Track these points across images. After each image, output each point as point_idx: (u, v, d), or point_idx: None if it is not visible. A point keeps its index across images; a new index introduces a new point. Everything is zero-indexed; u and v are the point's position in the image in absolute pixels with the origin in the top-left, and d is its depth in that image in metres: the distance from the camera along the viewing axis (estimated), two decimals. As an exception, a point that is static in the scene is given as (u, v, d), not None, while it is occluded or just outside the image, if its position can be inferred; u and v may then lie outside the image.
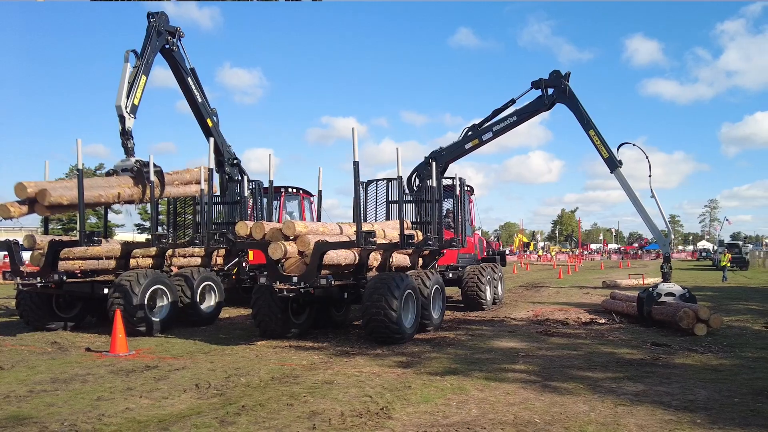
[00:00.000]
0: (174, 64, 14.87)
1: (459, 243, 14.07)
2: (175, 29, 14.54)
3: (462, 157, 16.80)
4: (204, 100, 15.79)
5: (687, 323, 11.05)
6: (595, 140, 14.29)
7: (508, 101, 15.65)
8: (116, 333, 9.75)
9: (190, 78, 15.27)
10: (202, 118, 15.92)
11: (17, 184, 10.95)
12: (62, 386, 7.35)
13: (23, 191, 10.92)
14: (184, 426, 5.63)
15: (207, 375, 7.93)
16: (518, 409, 6.20)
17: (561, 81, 14.77)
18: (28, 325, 12.46)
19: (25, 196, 10.93)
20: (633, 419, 5.85)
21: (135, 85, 12.97)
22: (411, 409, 6.17)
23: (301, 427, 5.59)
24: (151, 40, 13.76)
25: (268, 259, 10.25)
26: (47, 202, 10.91)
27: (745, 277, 33.14)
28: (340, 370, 8.17)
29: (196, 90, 15.55)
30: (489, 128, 15.96)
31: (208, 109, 16.03)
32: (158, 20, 13.99)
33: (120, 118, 12.62)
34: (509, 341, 10.71)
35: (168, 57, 14.67)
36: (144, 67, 13.39)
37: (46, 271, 11.27)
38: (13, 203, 11.02)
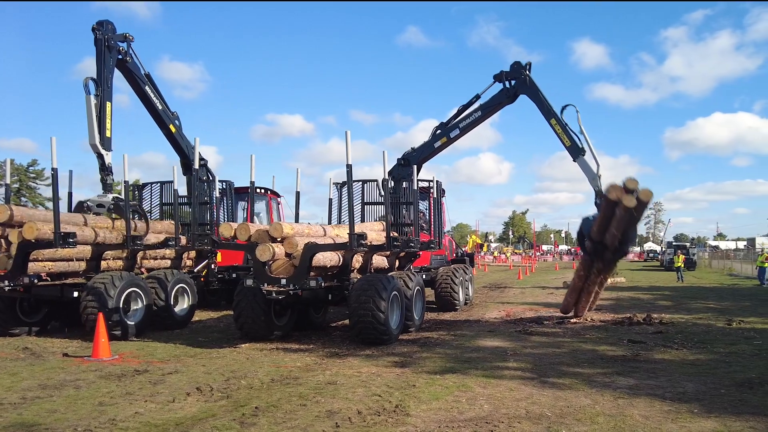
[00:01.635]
0: (130, 76, 14.15)
1: (437, 245, 14.29)
2: (124, 36, 13.63)
3: (433, 156, 16.98)
4: (164, 106, 15.22)
5: (616, 195, 10.88)
6: (557, 129, 14.53)
7: (473, 97, 15.85)
8: (98, 337, 9.42)
9: (147, 86, 14.61)
10: (165, 124, 15.46)
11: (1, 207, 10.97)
12: (55, 392, 7.07)
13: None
14: (204, 429, 5.55)
15: (204, 378, 7.80)
16: (526, 404, 6.42)
17: (521, 72, 14.99)
18: (-10, 330, 11.83)
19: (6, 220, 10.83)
20: (636, 410, 6.16)
21: (103, 116, 12.52)
22: (425, 407, 6.29)
23: (324, 425, 5.61)
24: (104, 60, 13.00)
25: (256, 261, 10.16)
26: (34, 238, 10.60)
27: (695, 277, 34.90)
28: (338, 371, 8.19)
29: (155, 98, 14.89)
30: (456, 125, 16.19)
31: (169, 115, 15.45)
32: (105, 31, 13.08)
33: (98, 156, 12.32)
34: (493, 340, 10.98)
35: (122, 69, 13.90)
36: (106, 92, 12.83)
37: (16, 274, 10.76)
38: None
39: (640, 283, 29.06)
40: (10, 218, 10.67)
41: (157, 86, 14.93)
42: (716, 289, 24.34)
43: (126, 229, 12.31)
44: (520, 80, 15.00)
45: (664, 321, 13.41)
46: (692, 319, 13.88)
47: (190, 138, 15.62)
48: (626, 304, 17.90)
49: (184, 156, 16.04)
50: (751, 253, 38.43)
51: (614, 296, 20.56)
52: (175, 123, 15.68)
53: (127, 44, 13.62)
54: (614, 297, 20.27)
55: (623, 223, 11.51)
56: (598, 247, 12.39)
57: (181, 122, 15.99)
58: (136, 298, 11.95)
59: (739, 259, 39.89)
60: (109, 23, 13.16)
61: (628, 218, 11.40)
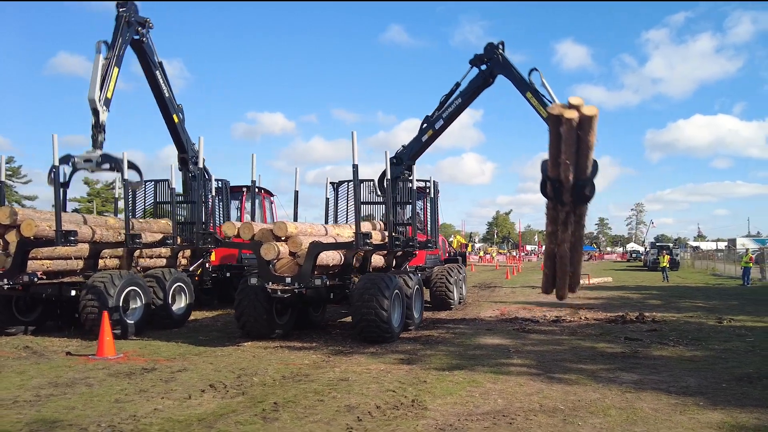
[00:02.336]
0: (143, 57, 14.29)
1: (434, 244, 14.45)
2: (144, 20, 13.98)
3: (423, 151, 16.79)
4: (171, 95, 15.38)
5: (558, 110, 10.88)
6: (533, 101, 14.38)
7: (453, 86, 15.75)
8: (103, 336, 9.38)
9: (158, 72, 14.77)
10: (169, 113, 15.47)
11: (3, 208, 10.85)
12: (68, 390, 7.07)
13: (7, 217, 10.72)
14: (228, 424, 5.62)
15: (215, 375, 7.83)
16: (538, 398, 6.58)
17: (494, 52, 14.84)
18: (-15, 329, 11.70)
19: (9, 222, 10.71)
20: (644, 404, 6.36)
21: (108, 77, 12.47)
22: (440, 401, 6.42)
23: (347, 419, 5.71)
24: (121, 31, 13.18)
25: (260, 259, 10.21)
26: (32, 235, 10.52)
27: (680, 277, 35.54)
28: (347, 368, 8.28)
29: (163, 84, 15.04)
30: (440, 116, 16.10)
31: (174, 105, 15.58)
32: (128, 10, 13.43)
33: (93, 111, 12.08)
34: (493, 338, 11.15)
35: (138, 49, 14.09)
36: (116, 59, 12.81)
37: (14, 272, 10.67)
38: None
39: (627, 282, 29.54)
40: (13, 220, 10.57)
41: (167, 75, 15.12)
42: (702, 289, 24.86)
43: (126, 227, 12.26)
44: (494, 60, 14.77)
45: (657, 319, 13.72)
46: (683, 317, 14.21)
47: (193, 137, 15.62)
48: (617, 303, 18.23)
49: (182, 150, 16.01)
50: (732, 253, 39.25)
51: (604, 296, 20.92)
52: (178, 114, 15.72)
53: (147, 28, 13.92)
54: (604, 296, 20.62)
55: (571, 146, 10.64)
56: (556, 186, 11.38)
57: (184, 116, 16.05)
58: (135, 296, 11.91)
59: (722, 259, 40.67)
60: (133, 5, 13.48)
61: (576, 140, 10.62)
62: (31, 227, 10.64)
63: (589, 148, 10.66)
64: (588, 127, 10.43)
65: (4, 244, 10.87)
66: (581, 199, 11.28)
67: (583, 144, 10.44)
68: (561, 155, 10.62)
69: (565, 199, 11.35)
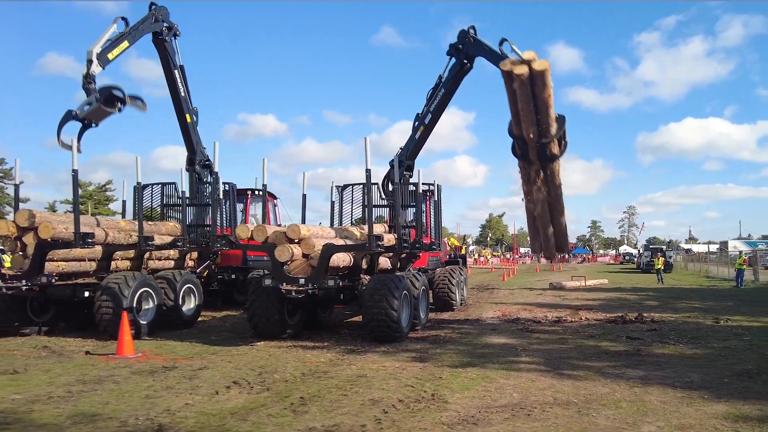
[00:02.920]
0: (164, 55, 15.17)
1: (438, 246, 14.77)
2: (172, 25, 15.09)
3: (419, 149, 16.89)
4: (187, 95, 15.97)
5: (508, 66, 10.17)
6: None
7: (437, 80, 15.97)
8: (122, 335, 9.63)
9: (177, 71, 15.54)
10: (182, 112, 15.95)
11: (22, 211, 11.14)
12: (97, 387, 7.32)
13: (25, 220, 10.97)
14: (260, 416, 5.90)
15: (236, 373, 8.10)
16: (551, 392, 6.91)
17: (466, 35, 14.82)
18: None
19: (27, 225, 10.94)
20: (653, 397, 6.70)
21: (116, 43, 13.17)
22: (459, 395, 6.73)
23: (373, 411, 6.01)
24: (146, 19, 14.25)
25: (274, 261, 10.48)
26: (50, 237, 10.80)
27: (674, 279, 36.03)
28: (363, 366, 8.58)
29: (181, 84, 15.76)
30: (427, 111, 16.28)
31: (189, 106, 16.14)
32: (158, 10, 14.62)
33: (88, 62, 12.58)
34: (498, 338, 11.47)
35: (159, 46, 14.99)
36: (130, 35, 13.64)
37: (33, 274, 10.88)
38: (10, 223, 11.00)
39: (622, 284, 29.99)
40: (31, 223, 10.80)
41: (186, 79, 15.92)
42: (697, 291, 25.33)
43: (139, 230, 12.50)
44: (467, 43, 14.70)
45: (656, 319, 14.09)
46: (681, 317, 14.60)
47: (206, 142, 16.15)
48: (615, 304, 18.62)
49: (191, 151, 16.39)
50: (723, 255, 39.85)
51: (602, 297, 21.32)
52: (192, 116, 16.20)
53: (173, 33, 15.09)
54: (602, 298, 21.02)
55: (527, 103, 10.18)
56: (521, 145, 11.03)
57: (198, 119, 16.43)
58: (147, 297, 12.16)
59: (715, 261, 41.24)
60: (165, 9, 14.79)
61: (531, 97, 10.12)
62: (49, 229, 10.87)
63: (546, 105, 10.25)
64: (541, 83, 9.96)
65: (22, 246, 11.08)
66: (546, 157, 10.74)
67: (539, 101, 10.11)
68: (520, 114, 10.41)
69: (531, 157, 10.98)
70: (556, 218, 11.77)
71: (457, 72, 15.07)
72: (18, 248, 11.13)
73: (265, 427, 5.58)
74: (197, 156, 16.70)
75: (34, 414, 6.07)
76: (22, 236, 11.06)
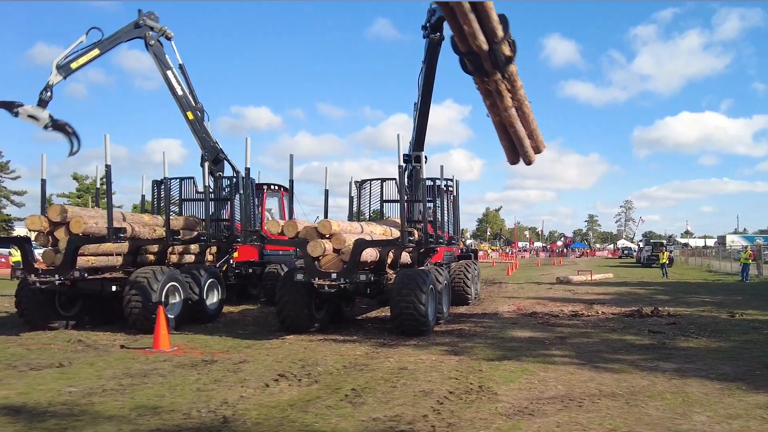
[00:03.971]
0: (155, 58, 15.64)
1: (457, 241, 14.95)
2: (162, 28, 15.51)
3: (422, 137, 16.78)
4: (185, 93, 16.19)
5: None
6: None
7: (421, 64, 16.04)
8: (159, 329, 9.78)
9: (170, 72, 15.83)
10: (183, 111, 16.20)
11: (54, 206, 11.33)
12: (145, 380, 7.46)
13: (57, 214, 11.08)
14: (319, 408, 6.06)
15: (279, 366, 8.25)
16: (594, 384, 7.10)
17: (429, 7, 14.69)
18: (28, 324, 11.97)
19: (59, 219, 11.07)
20: (693, 388, 6.91)
21: (84, 52, 13.95)
22: (505, 387, 6.92)
23: (428, 402, 6.19)
24: (125, 28, 15.01)
25: (307, 256, 10.63)
26: (81, 231, 10.94)
27: (676, 273, 36.31)
28: (400, 359, 8.75)
29: (176, 84, 16.02)
30: (419, 95, 16.37)
31: (190, 104, 16.30)
32: (146, 15, 15.27)
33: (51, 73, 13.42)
34: (522, 332, 11.66)
35: (148, 49, 15.55)
36: (101, 43, 14.44)
37: (66, 268, 10.99)
38: (43, 218, 11.12)
39: (628, 279, 30.27)
40: (63, 218, 10.90)
41: (187, 76, 16.19)
42: (703, 285, 25.62)
43: (165, 223, 12.61)
44: (430, 11, 14.71)
45: (671, 313, 14.32)
46: (696, 311, 14.84)
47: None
48: (627, 298, 18.87)
49: (202, 147, 16.48)
50: (724, 250, 40.23)
51: (611, 291, 21.57)
52: (195, 113, 16.35)
53: (163, 35, 15.48)
54: (612, 292, 21.26)
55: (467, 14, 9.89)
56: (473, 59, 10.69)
57: (204, 116, 16.54)
58: (174, 291, 12.27)
59: (717, 256, 41.59)
60: (153, 13, 15.35)
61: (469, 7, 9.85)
62: (80, 224, 10.97)
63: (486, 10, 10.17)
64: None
65: (54, 240, 11.19)
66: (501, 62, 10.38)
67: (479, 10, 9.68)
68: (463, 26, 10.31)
69: (487, 68, 10.66)
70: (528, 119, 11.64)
71: (430, 44, 14.89)
72: (50, 243, 11.23)
73: (328, 418, 5.75)
74: (207, 153, 16.81)
75: (97, 406, 6.21)
76: (54, 231, 11.16)
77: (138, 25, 15.23)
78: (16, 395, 6.70)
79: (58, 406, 6.27)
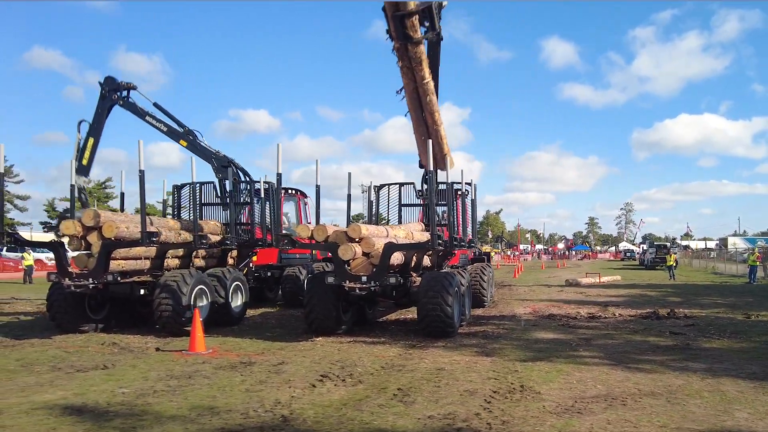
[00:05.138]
0: (131, 111, 16.87)
1: (475, 244, 15.17)
2: (127, 84, 16.80)
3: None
4: (170, 128, 17.01)
5: None
6: None
7: None
8: (195, 332, 9.98)
9: (148, 116, 16.92)
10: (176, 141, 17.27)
11: (88, 211, 11.57)
12: (191, 381, 7.64)
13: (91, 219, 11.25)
14: (372, 407, 6.27)
15: (318, 367, 8.45)
16: (632, 384, 7.32)
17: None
18: (59, 327, 12.18)
19: (92, 224, 11.26)
20: (728, 387, 7.13)
21: (84, 148, 15.59)
22: (546, 387, 7.13)
23: (476, 401, 6.41)
24: (99, 106, 16.63)
25: (337, 260, 10.84)
26: (113, 236, 11.12)
27: (683, 275, 36.57)
28: (435, 360, 8.96)
29: (158, 123, 17.02)
30: None
31: (176, 133, 17.18)
32: (104, 85, 16.61)
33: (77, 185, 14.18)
34: (546, 333, 11.88)
35: (125, 107, 16.88)
36: (93, 130, 16.28)
37: (99, 272, 11.19)
38: (77, 222, 11.29)
39: (636, 281, 30.53)
40: (96, 222, 11.11)
41: (165, 110, 17.23)
42: (711, 287, 25.89)
43: (194, 227, 12.81)
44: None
45: (687, 315, 14.55)
46: (711, 313, 15.07)
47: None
48: (639, 300, 19.11)
49: (207, 161, 17.03)
50: (729, 252, 40.48)
51: (623, 293, 21.81)
52: (186, 138, 17.26)
53: (128, 91, 16.80)
54: (623, 294, 21.51)
55: None
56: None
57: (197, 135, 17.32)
58: (201, 295, 12.47)
59: (722, 258, 41.87)
60: (110, 78, 16.69)
61: None
62: (113, 229, 11.17)
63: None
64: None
65: (86, 245, 11.39)
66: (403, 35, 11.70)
67: None
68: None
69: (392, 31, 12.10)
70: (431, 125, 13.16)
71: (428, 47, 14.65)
72: (82, 247, 11.43)
73: (384, 416, 5.95)
74: (213, 164, 17.16)
75: (155, 407, 6.41)
76: (87, 235, 11.36)
77: (104, 96, 16.60)
78: (73, 396, 6.90)
79: (116, 406, 6.47)
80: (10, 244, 13.19)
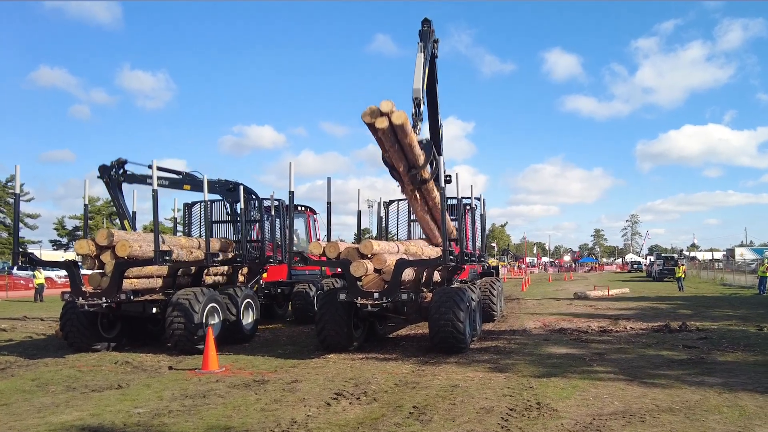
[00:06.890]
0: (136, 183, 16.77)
1: (485, 258, 15.16)
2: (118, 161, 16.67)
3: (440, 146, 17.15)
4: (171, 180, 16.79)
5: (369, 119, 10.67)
6: None
7: None
8: (208, 351, 10.00)
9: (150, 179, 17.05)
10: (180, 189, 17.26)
11: (101, 231, 11.52)
12: (206, 401, 7.65)
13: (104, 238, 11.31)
14: (388, 426, 6.26)
15: (332, 385, 8.44)
16: (649, 400, 7.27)
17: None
18: (72, 346, 12.23)
19: (105, 243, 11.32)
20: (746, 402, 7.09)
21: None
22: (563, 404, 7.10)
23: (493, 419, 6.38)
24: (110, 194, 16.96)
25: (349, 276, 10.87)
26: (126, 255, 11.19)
27: (691, 287, 36.38)
28: (448, 376, 8.93)
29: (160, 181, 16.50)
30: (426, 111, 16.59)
31: (179, 182, 16.98)
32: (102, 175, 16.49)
33: None
34: (558, 348, 11.83)
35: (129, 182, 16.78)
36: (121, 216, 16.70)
37: (112, 291, 11.25)
38: (90, 242, 11.36)
39: (645, 293, 30.36)
40: (110, 241, 11.19)
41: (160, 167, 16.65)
42: (721, 298, 25.73)
43: (206, 245, 12.88)
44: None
45: (699, 328, 14.46)
46: (723, 325, 14.98)
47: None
48: (650, 313, 19.00)
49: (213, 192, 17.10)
50: (737, 263, 40.24)
51: (632, 306, 21.70)
52: (188, 182, 17.06)
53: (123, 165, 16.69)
54: (633, 307, 21.39)
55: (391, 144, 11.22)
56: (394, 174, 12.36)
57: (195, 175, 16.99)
58: (213, 312, 12.51)
59: (731, 269, 41.61)
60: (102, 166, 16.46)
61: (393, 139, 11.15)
62: (126, 248, 11.25)
63: (410, 145, 11.65)
64: (402, 133, 11.36)
65: (100, 264, 11.46)
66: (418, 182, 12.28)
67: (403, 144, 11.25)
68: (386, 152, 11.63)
69: (405, 182, 12.39)
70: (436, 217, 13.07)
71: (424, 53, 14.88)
72: (96, 266, 11.50)
73: (402, 435, 5.95)
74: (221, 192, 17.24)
75: (171, 427, 6.42)
76: (100, 254, 11.44)
77: (107, 183, 16.71)
78: (89, 417, 6.91)
79: (133, 426, 6.49)
80: (26, 264, 13.19)
